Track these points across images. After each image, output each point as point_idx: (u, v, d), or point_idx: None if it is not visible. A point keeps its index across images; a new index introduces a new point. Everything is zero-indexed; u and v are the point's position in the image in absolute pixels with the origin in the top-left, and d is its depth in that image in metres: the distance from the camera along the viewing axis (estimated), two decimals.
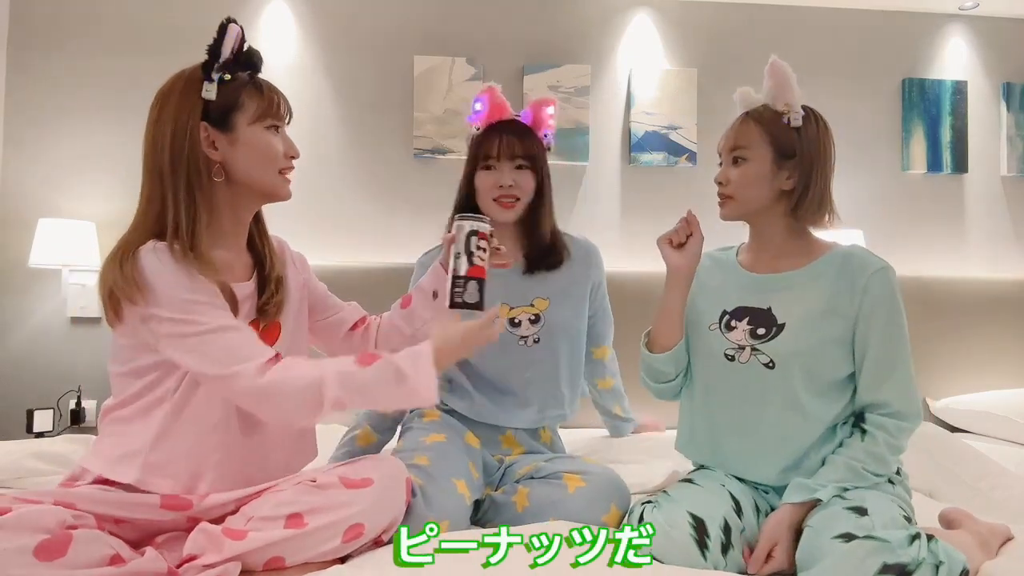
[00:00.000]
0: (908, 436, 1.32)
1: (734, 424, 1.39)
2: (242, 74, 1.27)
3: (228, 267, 1.28)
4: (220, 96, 1.24)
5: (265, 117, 1.28)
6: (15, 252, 2.73)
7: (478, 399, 1.66)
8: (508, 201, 1.62)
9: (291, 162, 1.34)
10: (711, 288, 1.49)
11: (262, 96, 1.28)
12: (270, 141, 1.29)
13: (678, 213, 1.51)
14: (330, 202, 2.93)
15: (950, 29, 3.27)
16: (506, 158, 1.61)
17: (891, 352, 1.32)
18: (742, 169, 1.39)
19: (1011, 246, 3.28)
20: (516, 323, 1.67)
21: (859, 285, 1.32)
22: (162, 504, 1.18)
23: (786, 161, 1.37)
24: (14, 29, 2.80)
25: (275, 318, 1.33)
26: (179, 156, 1.21)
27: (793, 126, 1.36)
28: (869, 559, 1.05)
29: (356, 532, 1.18)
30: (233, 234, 1.31)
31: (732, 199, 1.41)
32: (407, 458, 1.45)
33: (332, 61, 2.96)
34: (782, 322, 1.35)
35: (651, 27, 3.13)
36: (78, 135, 2.79)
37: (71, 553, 1.00)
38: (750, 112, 1.42)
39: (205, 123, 1.23)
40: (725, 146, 1.44)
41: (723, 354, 1.39)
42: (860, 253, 1.38)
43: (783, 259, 1.42)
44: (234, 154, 1.25)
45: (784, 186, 1.38)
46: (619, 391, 1.97)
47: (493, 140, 1.62)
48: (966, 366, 2.98)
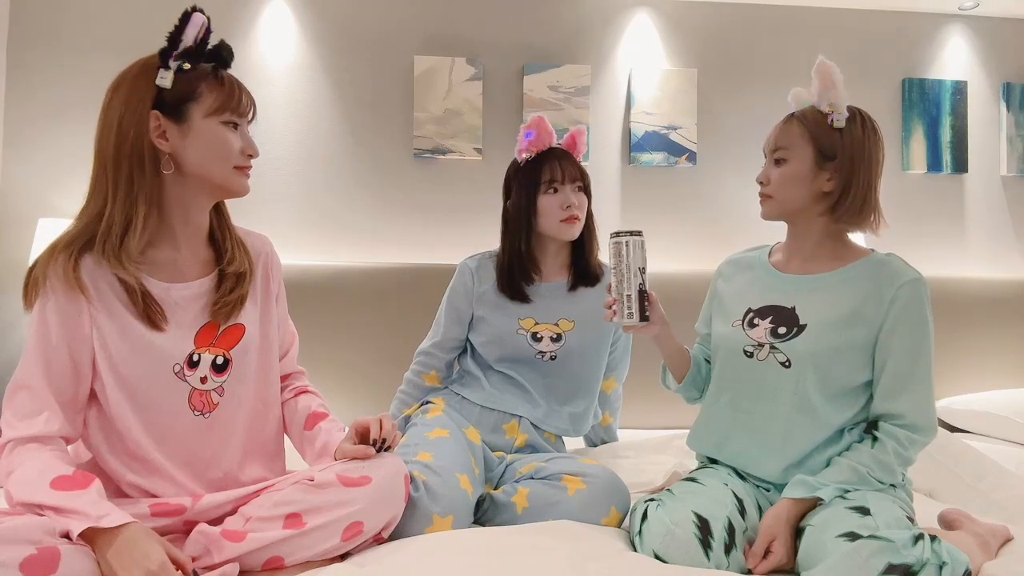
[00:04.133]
0: (919, 449, 1.31)
1: (744, 419, 1.40)
2: (205, 65, 1.22)
3: (170, 266, 1.24)
4: (176, 85, 1.19)
5: (223, 111, 1.22)
6: (15, 252, 2.72)
7: (489, 389, 1.73)
8: (574, 220, 1.73)
9: (248, 160, 1.26)
10: (737, 288, 1.50)
11: (222, 89, 1.22)
12: (225, 136, 1.22)
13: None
14: (330, 202, 2.92)
15: (950, 29, 3.27)
16: (569, 180, 1.73)
17: (912, 364, 1.31)
18: (782, 169, 1.39)
19: (1011, 246, 3.28)
20: (538, 338, 1.74)
21: (888, 294, 1.32)
22: (152, 512, 1.16)
23: (827, 162, 1.36)
24: (14, 28, 2.79)
25: (234, 319, 1.27)
26: (123, 144, 1.17)
27: (836, 127, 1.36)
28: (873, 559, 1.04)
29: (355, 530, 1.18)
30: (183, 232, 1.25)
31: (771, 199, 1.42)
32: (411, 453, 1.46)
33: (332, 61, 2.96)
34: (804, 323, 1.35)
35: (651, 27, 3.13)
36: (78, 135, 2.79)
37: (62, 568, 0.97)
38: (795, 112, 1.42)
39: (157, 112, 1.18)
40: (768, 146, 1.44)
41: (742, 350, 1.40)
42: (895, 262, 1.37)
43: (815, 261, 1.42)
44: (185, 146, 1.20)
45: (824, 188, 1.37)
46: (613, 431, 1.99)
47: (555, 165, 1.74)
48: (966, 366, 2.99)
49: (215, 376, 1.25)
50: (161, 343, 1.20)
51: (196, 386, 1.23)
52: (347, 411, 2.62)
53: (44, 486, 1.04)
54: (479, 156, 2.97)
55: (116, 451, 1.20)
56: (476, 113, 2.97)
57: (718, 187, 3.07)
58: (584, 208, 1.75)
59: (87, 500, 1.04)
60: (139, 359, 1.19)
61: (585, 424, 1.81)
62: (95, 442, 1.21)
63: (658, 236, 3.07)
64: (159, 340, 1.20)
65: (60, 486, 1.05)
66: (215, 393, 1.25)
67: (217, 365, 1.25)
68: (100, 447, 1.20)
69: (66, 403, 1.16)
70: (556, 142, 1.81)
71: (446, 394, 1.76)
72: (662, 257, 3.03)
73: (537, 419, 1.72)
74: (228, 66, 1.27)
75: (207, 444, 1.25)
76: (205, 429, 1.24)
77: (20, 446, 1.11)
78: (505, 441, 1.69)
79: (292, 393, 1.44)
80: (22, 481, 1.06)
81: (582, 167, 1.78)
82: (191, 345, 1.23)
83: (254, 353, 1.31)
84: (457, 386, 1.77)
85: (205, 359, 1.24)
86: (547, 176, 1.73)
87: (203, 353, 1.24)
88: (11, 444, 1.12)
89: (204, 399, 1.24)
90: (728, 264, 1.57)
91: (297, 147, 2.88)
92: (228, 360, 1.27)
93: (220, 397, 1.26)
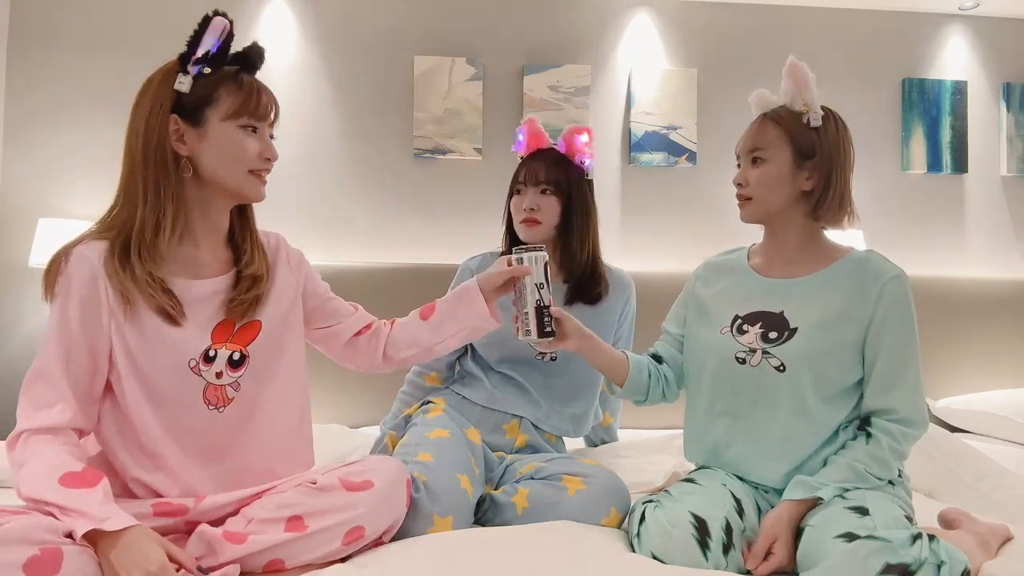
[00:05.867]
0: (913, 443, 1.32)
1: (742, 425, 1.39)
2: (229, 69, 1.23)
3: (191, 264, 1.26)
4: (195, 89, 1.20)
5: (240, 115, 1.22)
6: (15, 252, 2.73)
7: (490, 389, 1.72)
8: (530, 222, 1.73)
9: (266, 164, 1.27)
10: (719, 292, 1.48)
11: (240, 93, 1.23)
12: (241, 140, 1.23)
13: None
14: (330, 202, 2.93)
15: (950, 29, 3.27)
16: (531, 183, 1.73)
17: (901, 359, 1.31)
18: (762, 170, 1.38)
19: (1011, 246, 3.28)
20: None
21: (873, 291, 1.32)
22: (154, 512, 1.17)
23: (806, 162, 1.37)
24: (14, 28, 2.80)
25: (250, 317, 1.29)
26: (148, 147, 1.20)
27: (813, 126, 1.36)
28: (871, 559, 1.05)
29: (356, 535, 1.18)
30: (203, 231, 1.27)
31: (752, 200, 1.40)
32: (412, 453, 1.46)
33: (332, 61, 2.96)
34: (794, 326, 1.35)
35: (651, 27, 3.13)
36: (78, 134, 2.79)
37: (65, 568, 0.98)
38: (768, 113, 1.41)
39: (176, 116, 1.20)
40: (744, 147, 1.43)
41: (734, 357, 1.39)
42: (876, 259, 1.37)
43: (797, 263, 1.42)
44: (201, 150, 1.22)
45: (804, 187, 1.38)
46: (613, 432, 2.00)
47: (523, 167, 1.77)
48: (966, 366, 2.99)
49: (231, 371, 1.26)
50: (178, 338, 1.21)
51: (211, 381, 1.24)
52: (347, 411, 2.62)
53: (53, 482, 1.06)
54: (479, 156, 2.97)
55: (127, 444, 1.20)
56: (476, 113, 2.97)
57: (718, 187, 3.07)
58: (547, 211, 1.72)
59: (93, 500, 1.04)
60: (155, 353, 1.20)
61: (586, 424, 1.81)
62: (107, 435, 1.22)
63: (658, 236, 3.08)
64: (176, 335, 1.21)
65: (69, 483, 1.06)
66: (230, 388, 1.26)
67: (233, 361, 1.26)
68: (112, 440, 1.21)
69: (82, 394, 1.18)
70: (552, 143, 1.80)
71: (447, 394, 1.77)
72: (662, 257, 3.04)
73: (538, 419, 1.72)
74: (255, 69, 1.27)
75: (220, 438, 1.25)
76: (219, 423, 1.25)
77: (33, 436, 1.13)
78: (505, 441, 1.70)
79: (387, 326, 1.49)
80: (31, 475, 1.08)
81: (562, 171, 1.73)
82: (207, 341, 1.24)
83: (272, 349, 1.32)
84: (458, 386, 1.77)
85: (221, 355, 1.25)
86: (517, 177, 1.77)
87: (219, 349, 1.25)
88: (25, 435, 1.13)
89: (219, 394, 1.25)
90: (707, 268, 1.56)
91: (297, 147, 2.88)
92: (245, 356, 1.28)
93: (235, 392, 1.27)
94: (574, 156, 1.78)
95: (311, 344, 1.46)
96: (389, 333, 1.47)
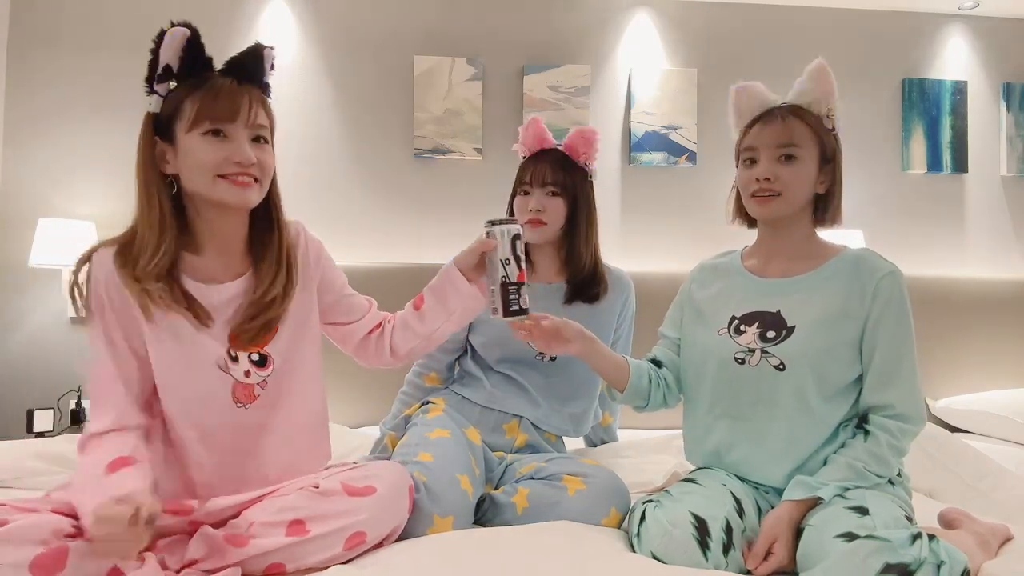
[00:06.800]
0: (911, 439, 1.32)
1: (744, 426, 1.39)
2: (203, 77, 1.20)
3: (205, 270, 1.26)
4: (164, 107, 1.20)
5: (200, 122, 1.17)
6: (15, 252, 2.73)
7: (490, 389, 1.73)
8: (536, 223, 1.72)
9: (236, 167, 1.19)
10: (715, 294, 1.48)
11: (201, 99, 1.18)
12: (201, 148, 1.18)
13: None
14: (330, 202, 2.93)
15: (950, 29, 3.27)
16: (537, 184, 1.73)
17: (898, 355, 1.32)
18: (795, 168, 1.36)
19: (1011, 246, 3.28)
20: None
21: (869, 288, 1.33)
22: (163, 510, 1.17)
23: (826, 165, 1.38)
24: (14, 29, 2.80)
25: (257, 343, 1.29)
26: (141, 170, 1.22)
27: (831, 129, 1.38)
28: (871, 559, 1.04)
29: (358, 540, 1.18)
30: (211, 242, 1.27)
31: (781, 197, 1.37)
32: (411, 453, 1.46)
33: (332, 61, 2.96)
34: (792, 325, 1.35)
35: (651, 27, 3.13)
36: (78, 135, 2.79)
37: (69, 568, 0.98)
38: (793, 110, 1.40)
39: (157, 137, 1.21)
40: (769, 142, 1.38)
41: (733, 358, 1.39)
42: (870, 257, 1.38)
43: (793, 263, 1.42)
44: (178, 166, 1.21)
45: (819, 189, 1.39)
46: (613, 431, 2.00)
47: (529, 168, 1.76)
48: (966, 366, 2.99)
49: (257, 370, 1.28)
50: (204, 340, 1.23)
51: (240, 379, 1.27)
52: (347, 411, 2.62)
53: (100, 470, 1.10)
54: (479, 156, 2.97)
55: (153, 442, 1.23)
56: (476, 113, 2.97)
57: (718, 187, 3.06)
58: (553, 212, 1.71)
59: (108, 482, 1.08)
60: (184, 353, 1.22)
61: (585, 424, 1.81)
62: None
63: (658, 236, 3.08)
64: (202, 337, 1.23)
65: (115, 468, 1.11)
66: (258, 387, 1.28)
67: (254, 361, 1.28)
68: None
69: (136, 394, 1.22)
70: (555, 144, 1.80)
71: (447, 394, 1.76)
72: (661, 257, 3.04)
73: (537, 419, 1.72)
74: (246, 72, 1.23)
75: (247, 435, 1.28)
76: (245, 420, 1.27)
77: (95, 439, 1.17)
78: (505, 441, 1.69)
79: (391, 323, 1.50)
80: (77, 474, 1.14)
81: (568, 173, 1.73)
82: (227, 343, 1.26)
83: (291, 345, 1.33)
84: (458, 386, 1.77)
85: (242, 356, 1.27)
86: (523, 178, 1.76)
87: (239, 353, 1.27)
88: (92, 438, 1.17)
89: (247, 391, 1.27)
90: (701, 270, 1.55)
91: (297, 147, 2.89)
92: (266, 356, 1.29)
93: (262, 390, 1.29)
94: (579, 157, 1.78)
95: (326, 336, 1.47)
96: (392, 328, 1.49)
